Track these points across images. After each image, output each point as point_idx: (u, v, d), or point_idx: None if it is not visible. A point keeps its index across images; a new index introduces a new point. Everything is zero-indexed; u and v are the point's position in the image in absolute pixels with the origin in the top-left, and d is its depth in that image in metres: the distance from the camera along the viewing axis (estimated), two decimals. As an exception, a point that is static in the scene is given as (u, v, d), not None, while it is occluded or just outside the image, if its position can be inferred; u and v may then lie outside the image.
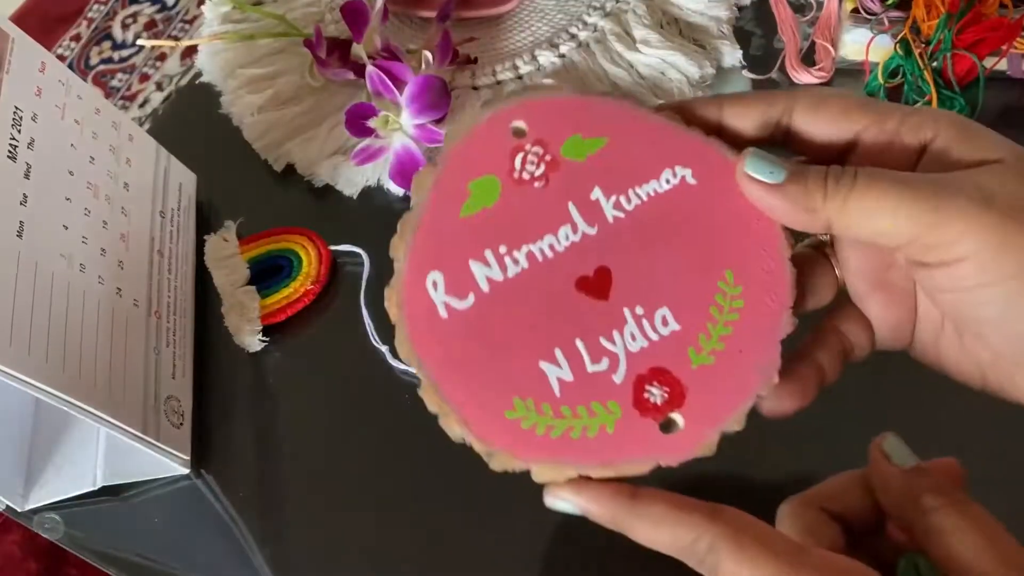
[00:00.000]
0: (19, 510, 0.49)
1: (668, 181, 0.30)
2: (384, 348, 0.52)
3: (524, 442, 0.27)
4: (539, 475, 0.28)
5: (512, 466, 0.28)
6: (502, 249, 0.28)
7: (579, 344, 0.28)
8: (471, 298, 0.28)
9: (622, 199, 0.29)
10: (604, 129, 0.30)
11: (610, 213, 0.29)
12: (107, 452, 0.49)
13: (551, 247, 0.29)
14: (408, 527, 0.46)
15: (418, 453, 0.48)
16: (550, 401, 0.27)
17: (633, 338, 0.28)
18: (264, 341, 0.53)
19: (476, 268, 0.28)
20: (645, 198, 0.29)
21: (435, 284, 0.28)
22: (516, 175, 0.29)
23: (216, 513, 0.49)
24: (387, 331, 0.52)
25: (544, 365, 0.28)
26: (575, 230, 0.29)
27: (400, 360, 0.51)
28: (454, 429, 0.28)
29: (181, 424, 0.50)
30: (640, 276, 0.29)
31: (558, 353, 0.28)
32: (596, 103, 0.30)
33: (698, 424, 0.27)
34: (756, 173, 0.29)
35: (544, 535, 0.45)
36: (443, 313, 0.28)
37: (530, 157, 0.29)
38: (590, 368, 0.28)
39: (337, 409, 0.51)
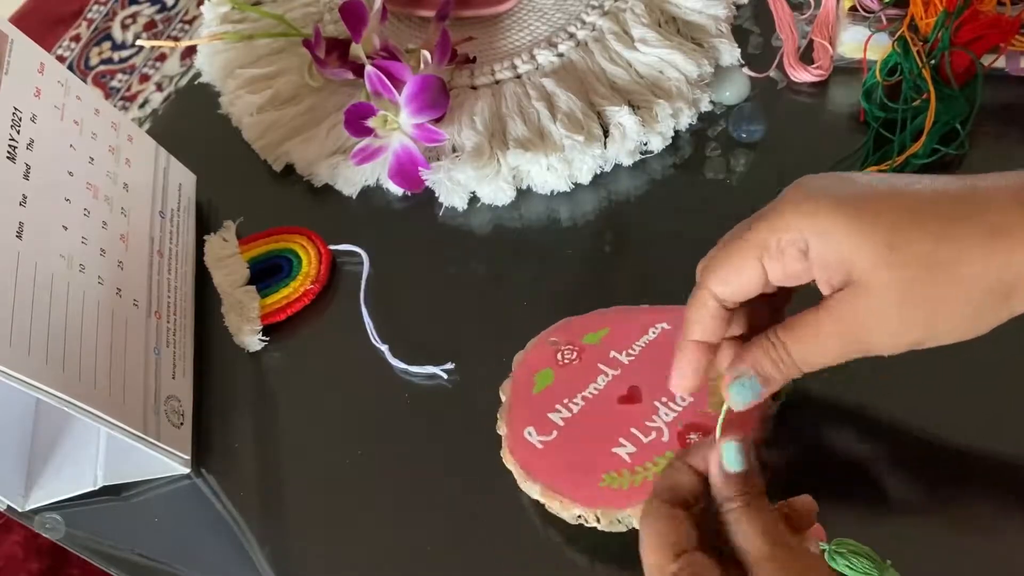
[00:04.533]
0: (20, 510, 0.50)
1: (654, 332, 0.46)
2: (384, 347, 0.52)
3: (619, 496, 0.41)
4: (636, 516, 0.39)
5: (616, 517, 0.41)
6: (565, 401, 0.45)
7: (633, 430, 0.43)
8: (554, 433, 0.44)
9: (629, 350, 0.46)
10: (605, 324, 0.47)
11: (625, 359, 0.45)
12: (107, 452, 0.50)
13: (595, 389, 0.45)
14: (408, 525, 0.46)
15: (417, 451, 0.49)
16: (627, 467, 0.42)
17: (667, 415, 0.43)
18: (264, 341, 0.54)
19: (552, 416, 0.44)
20: (644, 345, 0.46)
21: (530, 433, 0.44)
22: (561, 363, 0.46)
23: (216, 512, 0.49)
24: (386, 330, 0.52)
25: (615, 449, 0.42)
26: (607, 375, 0.45)
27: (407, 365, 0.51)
28: (572, 512, 0.42)
29: (181, 424, 0.50)
30: (657, 382, 0.43)
31: (621, 440, 0.42)
32: (596, 314, 0.48)
33: None
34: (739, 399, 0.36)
35: (548, 533, 0.45)
36: (539, 447, 0.43)
37: (566, 351, 0.46)
38: (645, 440, 0.42)
39: (337, 409, 0.51)
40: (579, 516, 0.42)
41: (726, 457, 0.35)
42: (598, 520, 0.41)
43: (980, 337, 0.33)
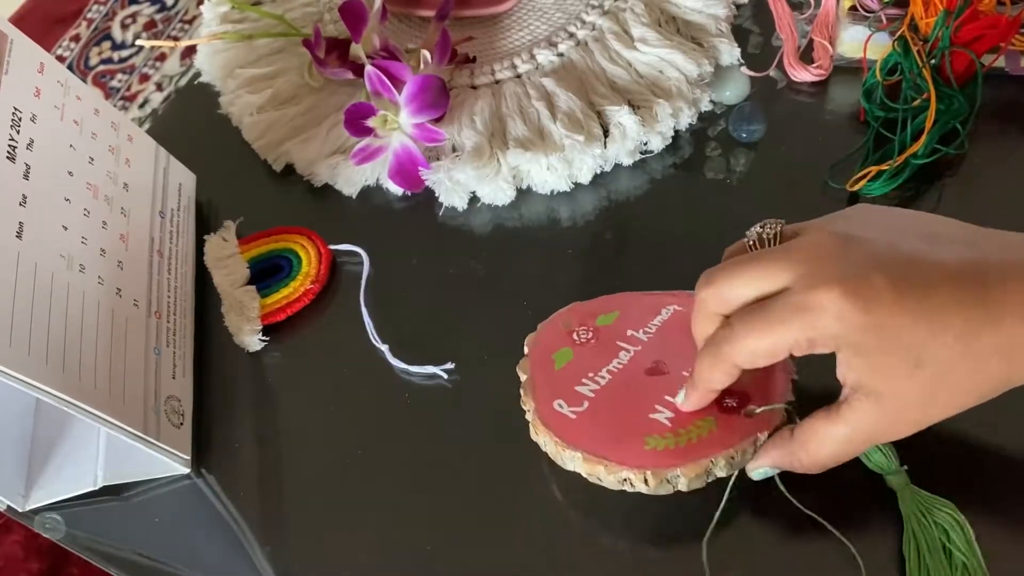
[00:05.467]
0: (20, 510, 0.50)
1: (666, 312, 0.46)
2: (384, 347, 0.52)
3: (666, 456, 0.40)
4: (686, 476, 0.39)
5: (666, 476, 0.39)
6: (591, 375, 0.44)
7: (667, 398, 0.42)
8: (585, 404, 0.43)
9: (645, 328, 0.45)
10: (614, 307, 0.47)
11: (643, 336, 0.45)
12: (108, 452, 0.50)
13: (619, 364, 0.44)
14: (408, 525, 0.46)
15: (418, 451, 0.49)
16: (668, 430, 0.41)
17: None
18: (264, 341, 0.54)
19: (580, 388, 0.43)
20: (659, 324, 0.46)
21: (560, 405, 0.43)
22: (578, 342, 0.45)
23: (216, 512, 0.49)
24: (386, 331, 0.53)
25: (652, 415, 0.41)
26: (628, 352, 0.44)
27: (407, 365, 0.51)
28: (619, 475, 0.40)
29: (181, 424, 0.50)
30: (680, 355, 0.43)
31: (658, 407, 0.42)
32: (603, 299, 0.48)
33: (767, 405, 0.41)
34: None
35: (546, 533, 0.45)
36: (572, 417, 0.42)
37: (581, 332, 0.46)
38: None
39: (337, 409, 0.51)
40: (625, 479, 0.40)
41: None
42: (646, 482, 0.40)
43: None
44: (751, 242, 0.39)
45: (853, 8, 0.58)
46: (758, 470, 0.40)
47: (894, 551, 0.41)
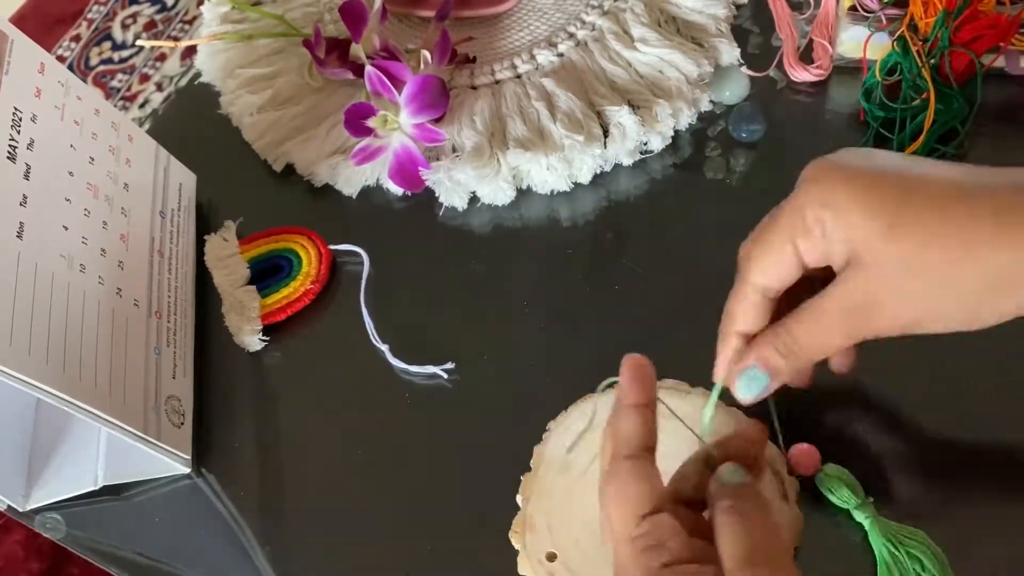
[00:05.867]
0: (20, 510, 0.50)
1: None
2: (384, 347, 0.52)
3: None
4: None
5: None
6: None
7: None
8: None
9: None
10: None
11: None
12: (108, 452, 0.50)
13: None
14: (408, 525, 0.46)
15: (418, 452, 0.49)
16: None
17: None
18: (264, 341, 0.54)
19: None
20: None
21: None
22: None
23: (217, 512, 0.49)
24: (386, 330, 0.53)
25: None
26: None
27: (399, 359, 0.51)
28: None
29: (182, 424, 0.50)
30: None
31: None
32: None
33: None
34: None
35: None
36: None
37: None
38: None
39: (337, 408, 0.51)
40: None
41: (723, 470, 0.34)
42: None
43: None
44: None
45: (853, 8, 0.58)
46: (746, 374, 0.37)
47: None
